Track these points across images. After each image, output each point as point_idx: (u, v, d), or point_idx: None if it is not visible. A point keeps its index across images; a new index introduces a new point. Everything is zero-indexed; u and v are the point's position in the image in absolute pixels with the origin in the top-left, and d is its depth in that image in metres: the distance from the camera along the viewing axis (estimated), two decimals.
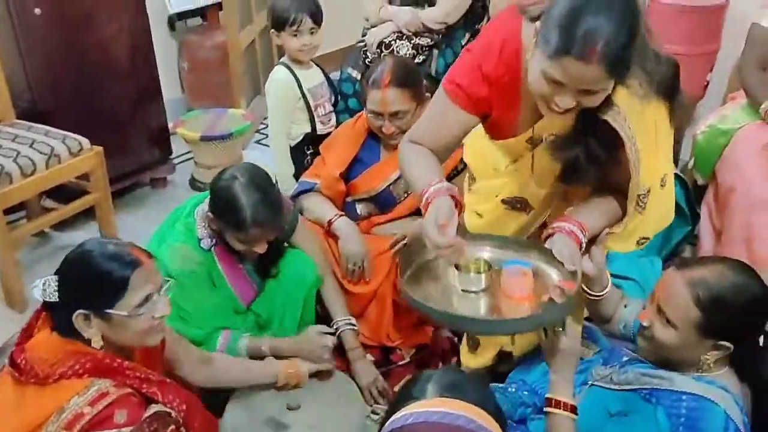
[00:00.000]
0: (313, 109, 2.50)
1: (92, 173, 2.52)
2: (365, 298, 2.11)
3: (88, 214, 2.68)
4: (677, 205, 2.41)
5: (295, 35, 2.40)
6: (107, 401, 1.28)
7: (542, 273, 1.39)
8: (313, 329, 1.91)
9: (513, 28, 1.40)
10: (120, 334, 1.35)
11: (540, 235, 1.50)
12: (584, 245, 1.42)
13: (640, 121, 1.36)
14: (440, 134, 1.50)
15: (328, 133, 2.46)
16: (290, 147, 2.53)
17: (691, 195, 2.53)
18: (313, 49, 2.46)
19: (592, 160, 1.39)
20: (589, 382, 1.50)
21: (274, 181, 1.94)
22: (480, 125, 1.55)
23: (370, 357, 2.05)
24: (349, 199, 2.24)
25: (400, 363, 2.11)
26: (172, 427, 1.33)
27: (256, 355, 1.85)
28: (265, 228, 1.77)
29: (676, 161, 2.96)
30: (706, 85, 2.95)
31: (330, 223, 2.13)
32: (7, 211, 2.32)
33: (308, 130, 2.51)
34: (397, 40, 2.76)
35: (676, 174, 2.44)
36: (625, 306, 1.60)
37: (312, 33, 2.41)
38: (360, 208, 2.23)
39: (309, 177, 2.24)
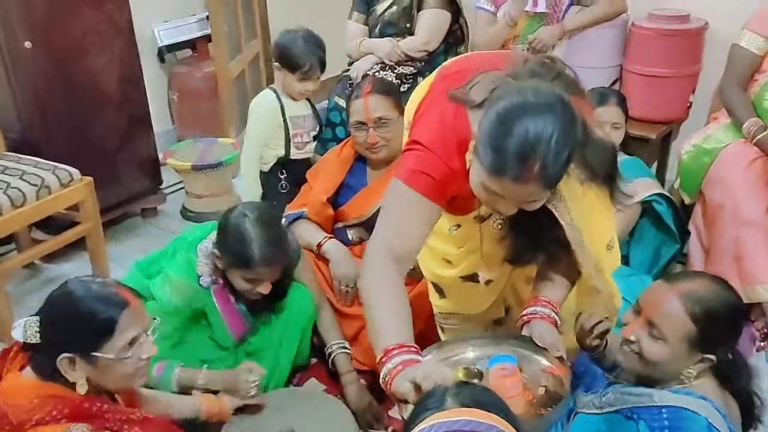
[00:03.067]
0: (293, 136, 2.52)
1: (83, 204, 2.52)
2: (359, 321, 2.10)
3: (79, 245, 2.67)
4: (665, 224, 2.48)
5: (302, 80, 2.45)
6: None
7: (528, 362, 1.41)
8: (244, 364, 1.81)
9: (462, 121, 1.34)
10: (106, 378, 1.30)
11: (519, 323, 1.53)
12: (559, 323, 1.48)
13: (581, 203, 1.40)
14: (411, 233, 1.38)
15: (302, 159, 2.52)
16: (264, 171, 2.55)
17: (680, 214, 2.55)
18: (310, 94, 2.53)
19: (537, 245, 1.48)
20: (575, 410, 1.49)
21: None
22: None
23: (363, 381, 2.04)
24: (339, 225, 2.25)
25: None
26: None
27: (191, 386, 1.78)
28: (272, 266, 1.78)
29: (662, 182, 3.01)
30: (689, 106, 3.00)
31: (320, 246, 2.14)
32: None
33: (282, 153, 2.53)
34: (381, 71, 2.81)
35: (663, 194, 2.49)
36: None
37: (317, 80, 2.48)
38: (351, 234, 2.24)
39: (295, 207, 2.25)
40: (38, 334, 1.26)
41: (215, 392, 1.79)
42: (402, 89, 2.74)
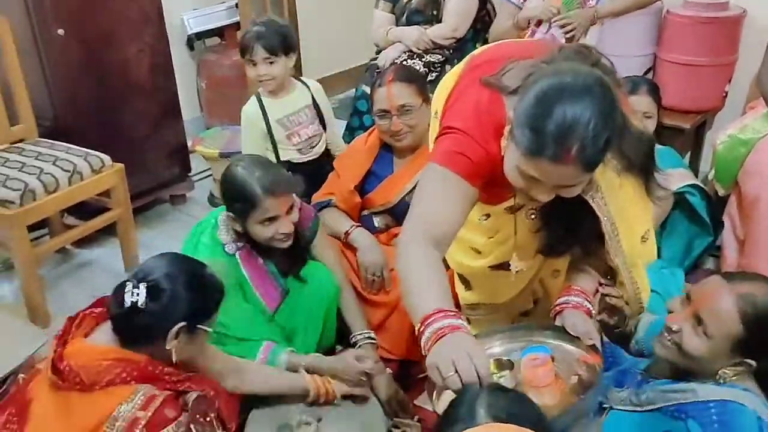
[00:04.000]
0: (285, 138, 2.42)
1: (113, 190, 2.56)
2: (386, 309, 2.10)
3: (110, 230, 2.71)
4: (698, 216, 2.43)
5: (251, 64, 2.34)
6: (157, 403, 1.35)
7: (561, 352, 1.40)
8: (351, 353, 1.87)
9: (497, 107, 1.31)
10: (188, 350, 1.45)
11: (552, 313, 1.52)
12: (593, 312, 1.47)
13: (617, 194, 1.38)
14: (446, 213, 1.31)
15: (305, 162, 2.45)
16: None
17: (713, 205, 2.50)
18: (272, 81, 2.35)
19: (573, 237, 1.46)
20: (606, 406, 1.45)
21: None
22: None
23: (388, 370, 2.03)
24: (366, 213, 2.25)
25: (420, 376, 2.10)
26: (216, 406, 1.47)
27: (296, 369, 1.82)
28: (278, 194, 1.78)
29: (696, 172, 2.95)
30: (725, 96, 2.93)
31: (347, 234, 2.14)
32: (30, 228, 2.36)
33: (273, 160, 2.41)
34: (409, 60, 2.79)
35: (696, 185, 2.44)
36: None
37: (270, 63, 2.32)
38: (377, 221, 2.24)
39: (322, 196, 2.24)
40: (146, 300, 1.37)
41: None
42: (430, 77, 2.72)
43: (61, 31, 2.57)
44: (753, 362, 1.28)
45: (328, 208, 2.19)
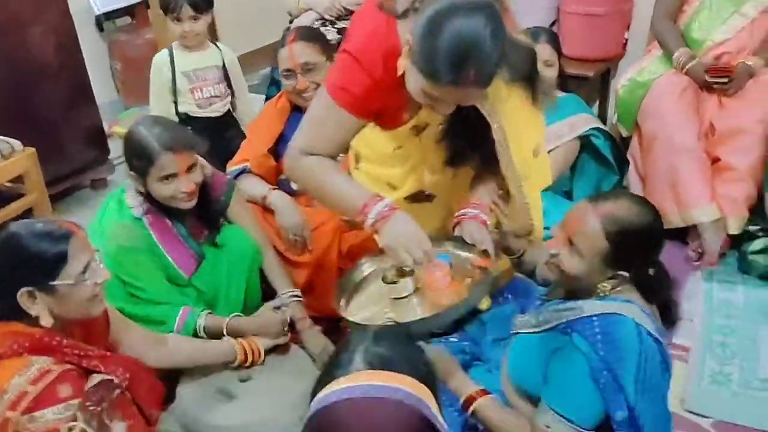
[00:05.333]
0: (187, 92, 2.50)
1: (27, 175, 2.50)
2: (309, 269, 2.13)
3: (27, 217, 2.64)
4: (605, 158, 2.55)
5: (176, 21, 2.42)
6: (49, 378, 1.29)
7: (458, 258, 1.56)
8: (266, 306, 1.93)
9: (389, 32, 1.39)
10: (66, 306, 1.37)
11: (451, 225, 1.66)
12: (489, 222, 1.60)
13: (505, 102, 1.50)
14: (333, 140, 1.51)
15: (210, 117, 2.53)
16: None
17: (619, 147, 2.63)
18: (195, 36, 2.48)
19: (473, 145, 1.58)
20: (512, 332, 1.56)
21: None
22: None
23: (318, 327, 2.07)
24: (282, 177, 2.25)
25: (350, 330, 2.14)
26: (117, 391, 1.37)
27: (215, 335, 1.83)
28: (176, 150, 1.77)
29: (604, 120, 3.08)
30: (625, 43, 3.06)
31: (264, 198, 2.15)
32: None
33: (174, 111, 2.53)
34: (321, 27, 2.80)
35: (602, 129, 2.56)
36: None
37: (195, 20, 2.43)
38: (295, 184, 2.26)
39: (236, 163, 2.23)
40: None
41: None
42: None
43: None
44: (626, 273, 1.38)
45: (244, 174, 2.20)
